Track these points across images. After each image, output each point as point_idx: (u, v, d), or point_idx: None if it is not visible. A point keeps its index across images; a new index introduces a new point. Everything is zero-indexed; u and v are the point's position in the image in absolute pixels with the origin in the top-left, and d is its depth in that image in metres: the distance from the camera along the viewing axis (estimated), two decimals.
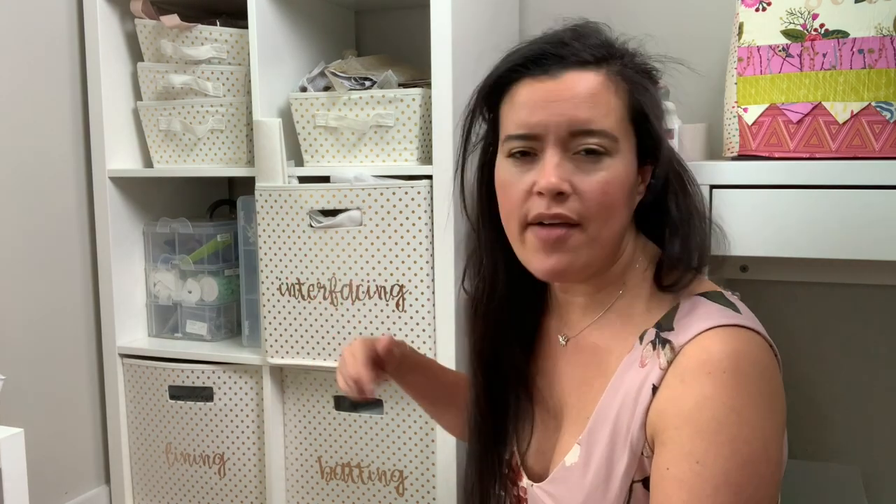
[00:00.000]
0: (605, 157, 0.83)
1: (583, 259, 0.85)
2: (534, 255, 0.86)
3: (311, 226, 1.37)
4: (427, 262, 1.32)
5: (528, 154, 0.85)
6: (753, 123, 1.18)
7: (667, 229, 0.88)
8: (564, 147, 0.83)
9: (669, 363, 0.79)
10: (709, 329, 0.79)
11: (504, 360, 0.98)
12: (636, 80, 0.86)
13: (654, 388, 0.80)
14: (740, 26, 1.19)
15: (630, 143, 0.85)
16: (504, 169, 0.88)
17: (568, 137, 0.83)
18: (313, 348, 1.41)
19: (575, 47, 0.84)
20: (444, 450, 1.34)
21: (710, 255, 0.90)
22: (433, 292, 1.32)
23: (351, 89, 1.37)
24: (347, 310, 1.37)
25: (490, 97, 0.91)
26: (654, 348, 0.82)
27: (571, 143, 0.83)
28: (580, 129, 0.82)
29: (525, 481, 0.96)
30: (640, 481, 0.82)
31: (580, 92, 0.82)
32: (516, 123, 0.85)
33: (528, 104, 0.84)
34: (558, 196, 0.82)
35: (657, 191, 0.89)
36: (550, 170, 0.82)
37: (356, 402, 1.46)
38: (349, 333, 1.38)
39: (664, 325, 0.83)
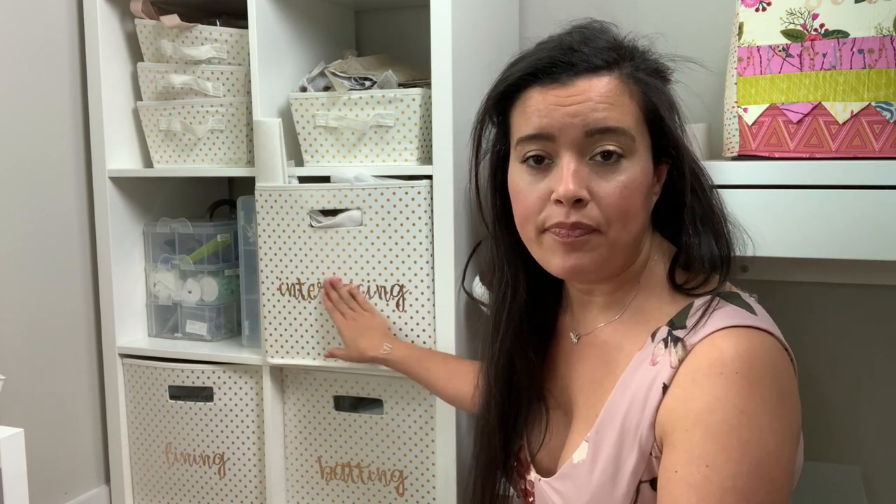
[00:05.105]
0: (622, 160, 0.82)
1: (602, 258, 0.84)
2: (552, 255, 0.85)
3: (312, 226, 1.37)
4: (427, 262, 1.32)
5: (542, 160, 0.84)
6: (753, 123, 1.18)
7: (685, 227, 0.87)
8: (580, 151, 0.82)
9: (681, 362, 0.79)
10: (722, 329, 0.78)
11: (518, 368, 0.97)
12: (648, 80, 0.85)
13: (665, 387, 0.79)
14: (740, 26, 1.19)
15: (645, 143, 0.84)
16: (518, 176, 0.87)
17: (583, 140, 0.81)
18: (313, 348, 1.41)
19: (584, 53, 0.83)
20: (444, 450, 1.34)
21: (735, 257, 0.89)
22: (433, 292, 1.32)
23: (351, 89, 1.37)
24: None
25: (499, 104, 0.90)
26: (666, 346, 0.81)
27: (587, 147, 0.82)
28: (597, 127, 0.81)
29: (533, 475, 0.96)
30: (648, 482, 0.81)
31: (593, 96, 0.81)
32: (529, 125, 0.84)
33: (540, 110, 0.83)
34: (577, 203, 0.81)
35: (675, 189, 0.88)
36: (568, 177, 0.81)
37: (356, 402, 1.46)
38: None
39: (677, 323, 0.82)
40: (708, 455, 0.73)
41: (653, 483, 0.81)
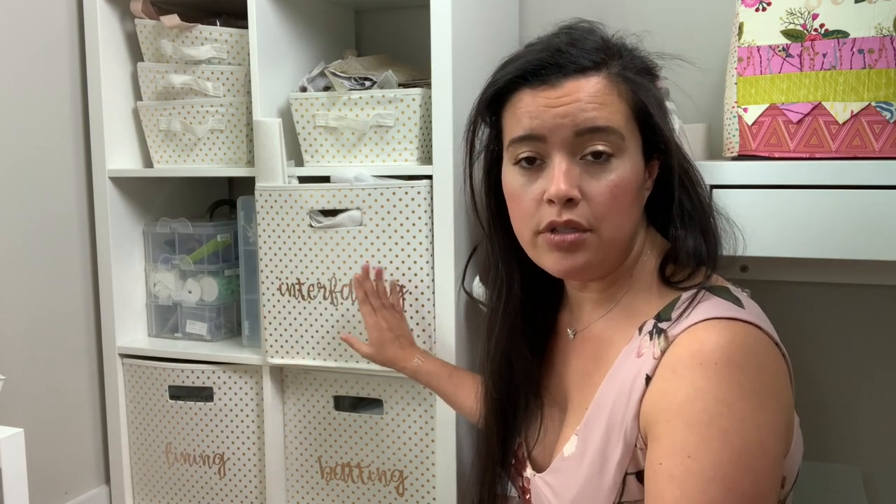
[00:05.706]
0: (612, 159, 0.83)
1: (598, 258, 0.85)
2: (548, 257, 0.86)
3: (311, 226, 1.37)
4: (427, 262, 1.32)
5: (534, 161, 0.85)
6: (753, 123, 1.18)
7: (675, 222, 0.88)
8: (571, 152, 0.83)
9: (663, 352, 0.79)
10: (704, 320, 0.78)
11: (516, 367, 0.98)
12: (637, 79, 0.86)
13: (648, 379, 0.80)
14: (740, 26, 1.19)
15: (636, 141, 0.85)
16: (511, 177, 0.88)
17: (574, 140, 0.82)
18: (313, 348, 1.41)
19: (572, 54, 0.84)
20: (444, 450, 1.34)
21: (722, 252, 0.90)
22: (433, 292, 1.32)
23: (351, 89, 1.37)
24: (347, 310, 1.37)
25: (490, 106, 0.91)
26: (651, 339, 0.82)
27: (578, 147, 0.83)
28: (587, 126, 0.82)
29: (528, 471, 0.96)
30: (634, 474, 0.82)
31: (583, 96, 0.82)
32: (520, 127, 0.85)
33: (530, 111, 0.84)
34: (568, 203, 0.82)
35: (666, 184, 0.89)
36: (559, 176, 0.82)
37: (356, 402, 1.46)
38: (349, 333, 1.38)
39: (663, 315, 0.83)
40: (689, 446, 0.73)
41: (638, 475, 0.81)
